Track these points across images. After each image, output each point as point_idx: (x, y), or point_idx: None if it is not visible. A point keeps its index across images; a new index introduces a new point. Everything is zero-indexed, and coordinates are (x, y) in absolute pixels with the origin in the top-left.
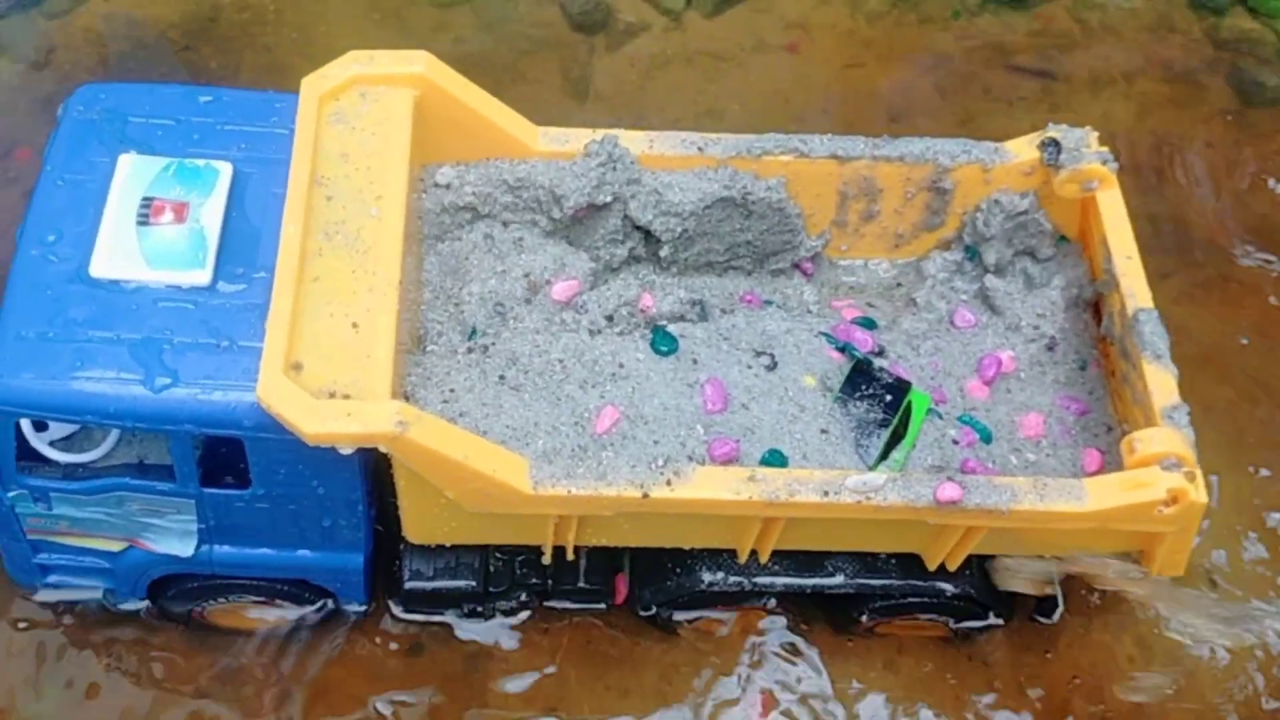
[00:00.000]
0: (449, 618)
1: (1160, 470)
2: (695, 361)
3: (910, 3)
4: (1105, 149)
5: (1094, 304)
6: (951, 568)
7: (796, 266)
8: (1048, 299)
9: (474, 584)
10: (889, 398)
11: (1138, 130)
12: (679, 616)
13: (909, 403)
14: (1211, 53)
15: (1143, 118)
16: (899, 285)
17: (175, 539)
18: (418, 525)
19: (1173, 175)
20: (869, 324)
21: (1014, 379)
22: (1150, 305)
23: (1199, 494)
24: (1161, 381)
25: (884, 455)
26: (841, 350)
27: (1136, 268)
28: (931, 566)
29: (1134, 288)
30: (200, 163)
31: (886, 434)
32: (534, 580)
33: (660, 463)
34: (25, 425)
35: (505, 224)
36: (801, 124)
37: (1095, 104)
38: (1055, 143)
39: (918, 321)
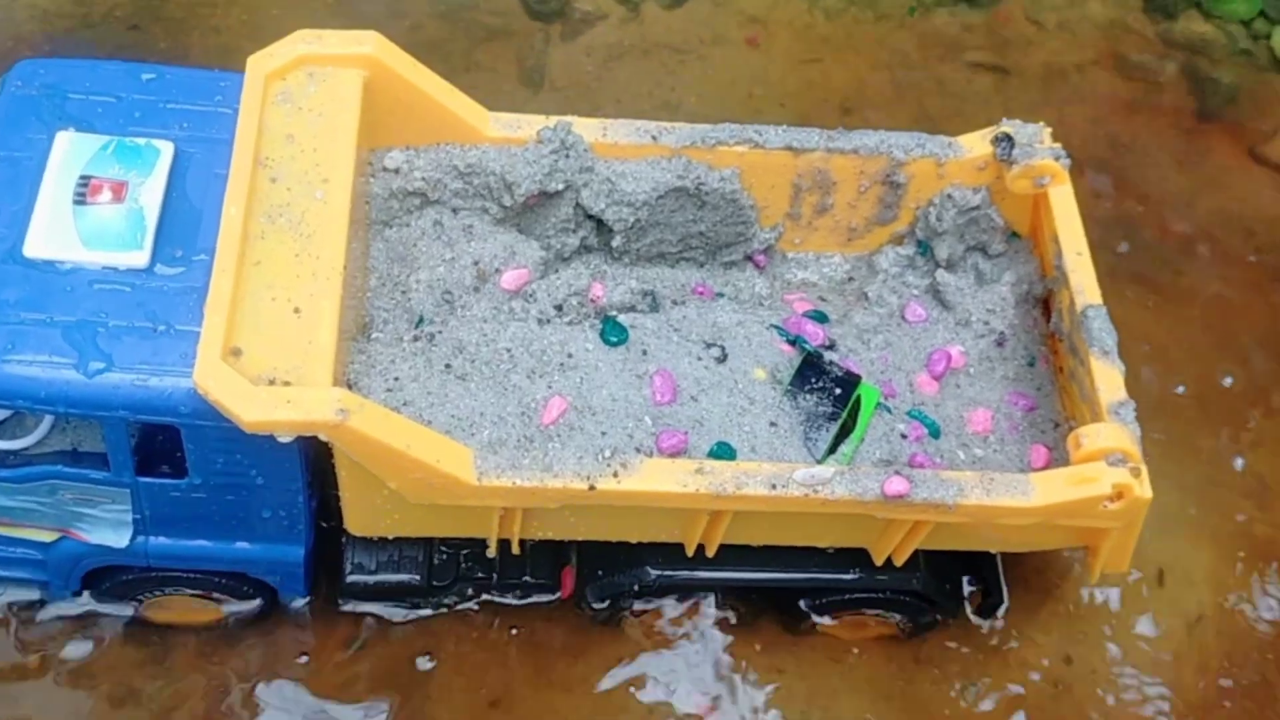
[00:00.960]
0: (392, 611)
1: (1106, 465)
2: (645, 352)
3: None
4: (1058, 145)
5: (1044, 300)
6: (898, 563)
7: (749, 259)
8: (998, 295)
9: (417, 578)
10: (838, 391)
11: (1092, 128)
12: (626, 610)
13: (858, 396)
14: (1165, 52)
15: (1097, 115)
16: (851, 279)
17: (109, 529)
18: (360, 517)
19: (1126, 173)
20: (820, 317)
21: (963, 374)
22: (1099, 302)
23: (1144, 489)
24: (1108, 378)
25: (832, 449)
26: (792, 343)
27: (1086, 264)
28: (879, 561)
29: (1083, 284)
30: (141, 141)
31: (835, 427)
32: (479, 574)
33: (607, 454)
34: None
35: (455, 211)
36: (758, 117)
37: (1049, 101)
38: (1009, 138)
39: (869, 316)
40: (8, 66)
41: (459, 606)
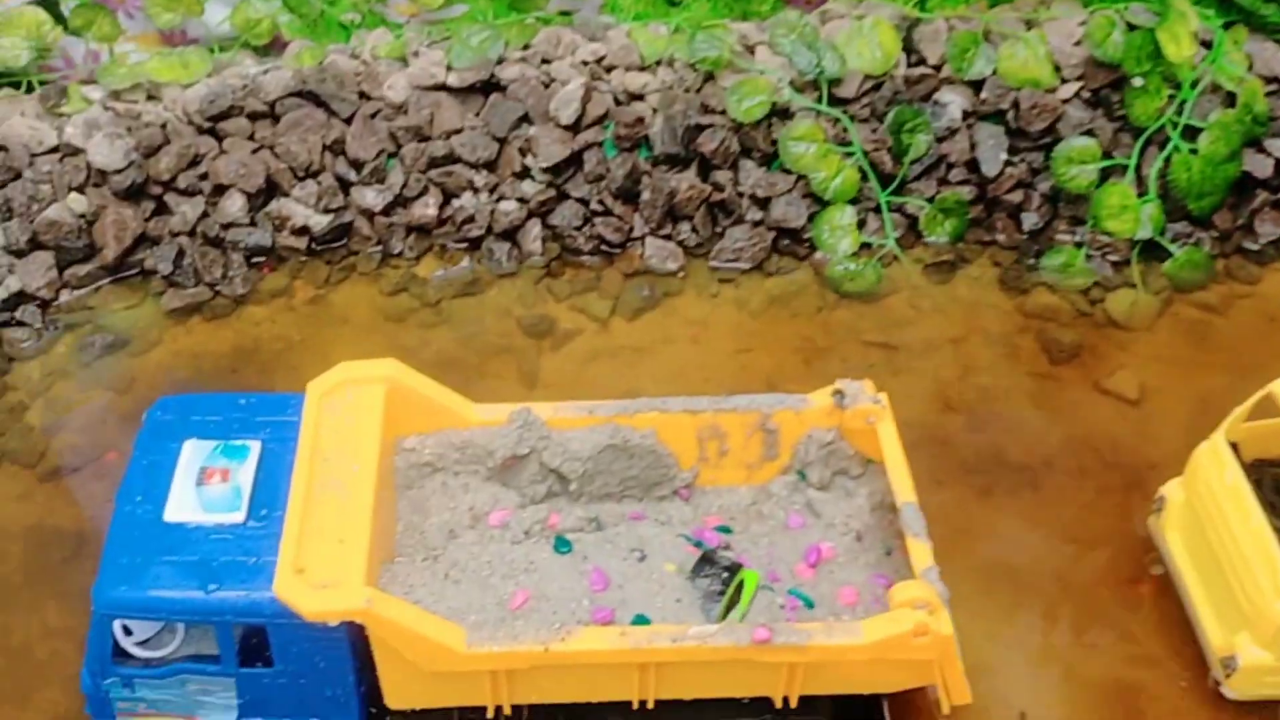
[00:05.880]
0: None
1: (912, 610)
2: (585, 557)
3: (783, 302)
4: (879, 395)
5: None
6: (793, 704)
7: (676, 493)
8: (856, 504)
9: None
10: (726, 576)
11: (963, 381)
12: None
13: (741, 579)
14: (1021, 321)
15: (966, 372)
16: (754, 503)
17: (221, 712)
18: (394, 692)
19: (994, 412)
20: (726, 530)
21: (834, 563)
22: (912, 500)
23: (942, 626)
24: (920, 551)
25: (723, 617)
26: (696, 545)
27: (903, 474)
28: (777, 704)
29: (900, 489)
30: (239, 443)
31: (723, 601)
32: None
33: (557, 626)
34: (118, 630)
35: (455, 474)
36: (700, 394)
37: (928, 365)
38: (841, 392)
39: (762, 526)
40: (142, 406)
41: None
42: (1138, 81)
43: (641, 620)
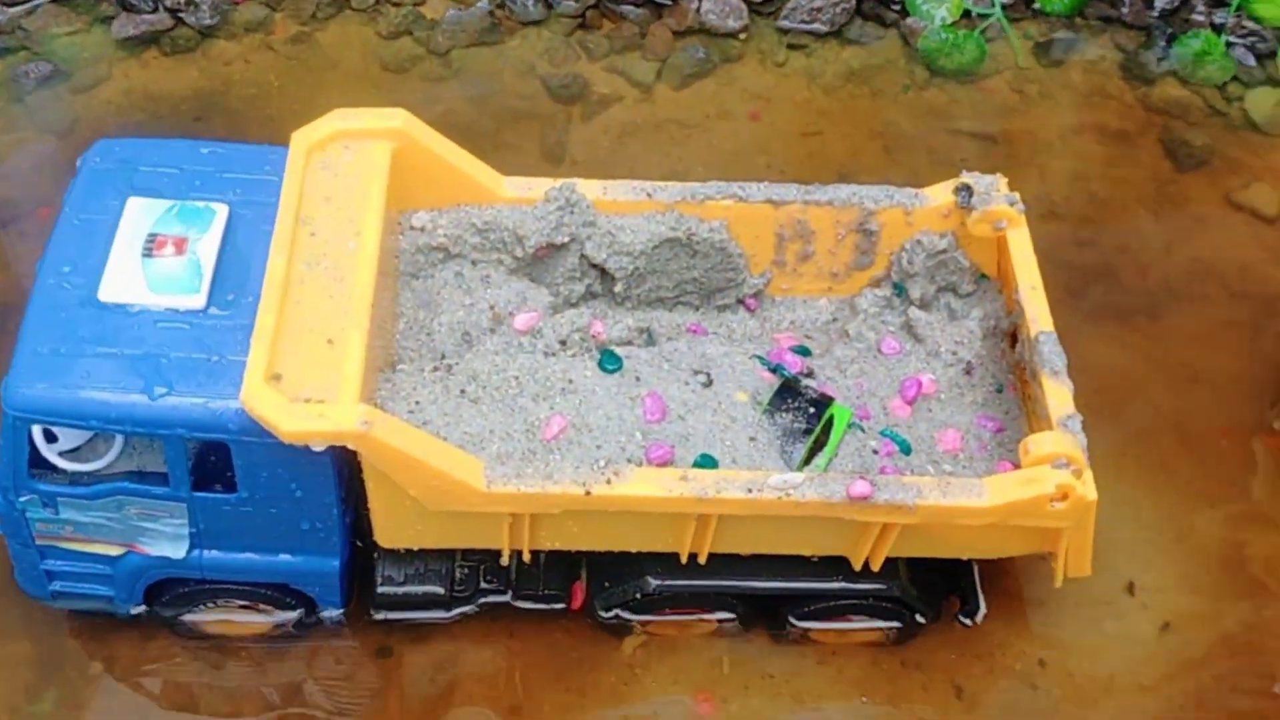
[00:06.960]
0: (418, 620)
1: (1051, 469)
2: (638, 379)
3: (863, 78)
4: (1014, 194)
5: (1011, 334)
6: (875, 567)
7: (741, 303)
8: (966, 329)
9: (441, 590)
10: (813, 411)
11: (1073, 185)
12: (633, 620)
13: (831, 415)
14: (1144, 117)
15: (1078, 174)
16: (835, 320)
17: (168, 542)
18: (387, 529)
19: (1107, 224)
20: (804, 351)
21: (934, 400)
22: (1050, 329)
23: (1087, 490)
24: (1058, 394)
25: (807, 461)
26: (773, 371)
27: (1040, 297)
28: (856, 566)
29: (1037, 314)
30: (200, 204)
31: (809, 442)
32: (496, 586)
33: (602, 464)
34: (37, 436)
35: (474, 263)
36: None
37: (1033, 163)
38: (967, 188)
39: (848, 349)
40: None
41: (479, 616)
42: None
43: (707, 462)
